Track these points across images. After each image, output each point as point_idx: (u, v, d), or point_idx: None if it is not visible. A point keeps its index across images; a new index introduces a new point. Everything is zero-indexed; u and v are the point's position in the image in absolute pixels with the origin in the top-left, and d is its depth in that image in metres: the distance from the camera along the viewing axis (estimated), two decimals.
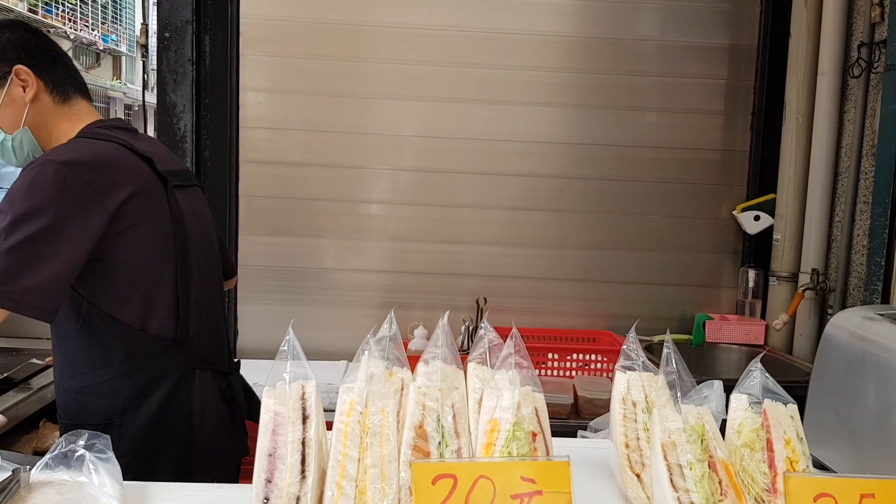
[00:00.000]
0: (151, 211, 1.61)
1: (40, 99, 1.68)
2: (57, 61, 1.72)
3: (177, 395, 1.64)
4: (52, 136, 1.71)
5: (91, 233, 1.50)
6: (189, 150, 2.95)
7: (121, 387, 1.60)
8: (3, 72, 1.65)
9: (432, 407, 1.06)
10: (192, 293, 1.67)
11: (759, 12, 3.07)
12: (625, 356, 1.26)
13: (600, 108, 3.09)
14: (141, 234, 1.58)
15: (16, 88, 1.66)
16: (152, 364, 1.62)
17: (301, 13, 3.01)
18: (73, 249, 1.48)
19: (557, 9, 3.05)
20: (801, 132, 2.92)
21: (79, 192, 1.49)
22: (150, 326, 1.60)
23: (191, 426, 1.66)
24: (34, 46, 1.69)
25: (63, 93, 1.71)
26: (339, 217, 3.12)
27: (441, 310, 3.20)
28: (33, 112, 1.68)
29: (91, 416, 1.59)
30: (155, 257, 1.61)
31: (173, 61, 2.93)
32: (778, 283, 3.01)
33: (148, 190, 1.62)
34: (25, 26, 1.75)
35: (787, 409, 1.16)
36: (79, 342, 1.61)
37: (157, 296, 1.61)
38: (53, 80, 1.70)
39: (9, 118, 1.68)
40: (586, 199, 3.14)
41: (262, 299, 3.11)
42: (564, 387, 2.56)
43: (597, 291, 3.16)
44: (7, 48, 1.67)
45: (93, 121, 1.73)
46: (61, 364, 1.66)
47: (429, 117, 3.08)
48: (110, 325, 1.58)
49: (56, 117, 1.71)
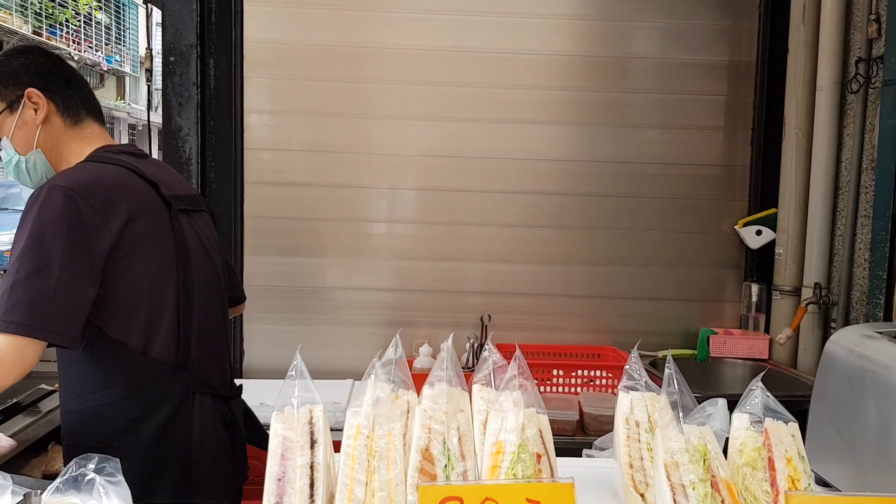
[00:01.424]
0: (154, 235, 1.63)
1: (51, 121, 1.72)
2: (70, 84, 1.76)
3: (176, 419, 1.65)
4: (63, 157, 1.74)
5: (100, 256, 1.52)
6: (194, 171, 2.98)
7: (121, 409, 1.62)
8: (17, 95, 1.69)
9: (438, 430, 1.07)
10: (193, 318, 1.69)
11: (757, 29, 3.10)
12: (627, 376, 1.28)
13: (602, 125, 3.12)
14: (143, 258, 1.60)
15: (28, 111, 1.70)
16: (153, 387, 1.63)
17: (303, 36, 3.05)
18: (87, 274, 1.50)
19: (558, 28, 3.08)
20: (801, 147, 2.94)
21: (86, 216, 1.51)
22: (151, 350, 1.61)
23: (190, 450, 1.67)
24: (47, 70, 1.73)
25: (74, 115, 1.74)
26: (344, 236, 3.14)
27: (445, 327, 3.24)
28: (45, 134, 1.71)
29: (92, 438, 1.60)
30: (157, 282, 1.62)
31: (178, 85, 2.96)
32: (781, 297, 3.02)
33: (151, 214, 1.64)
34: (41, 51, 1.79)
35: (789, 428, 1.18)
36: (81, 365, 1.62)
37: (159, 320, 1.62)
38: (65, 102, 1.73)
39: (22, 140, 1.71)
40: (589, 216, 3.15)
41: (268, 319, 3.13)
42: (570, 403, 2.57)
43: (601, 307, 3.17)
44: (20, 72, 1.71)
45: (103, 144, 1.76)
46: (65, 386, 1.68)
47: (431, 136, 3.11)
48: (112, 349, 1.59)
49: (67, 139, 1.74)
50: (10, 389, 2.27)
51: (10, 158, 1.74)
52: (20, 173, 1.75)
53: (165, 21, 2.95)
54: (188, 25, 2.93)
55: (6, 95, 1.71)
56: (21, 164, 1.73)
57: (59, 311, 1.45)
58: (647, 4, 3.09)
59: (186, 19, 2.93)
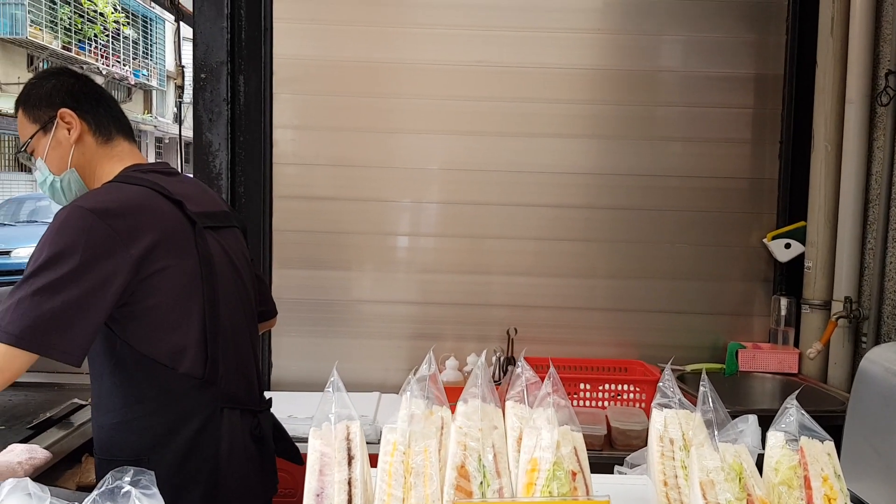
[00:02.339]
0: (178, 254, 1.64)
1: (84, 140, 1.76)
2: (100, 103, 1.80)
3: (204, 434, 1.67)
4: (96, 175, 1.78)
5: (116, 279, 1.53)
6: (224, 186, 3.02)
7: (150, 424, 1.64)
8: (50, 116, 1.74)
9: (473, 447, 1.08)
10: (220, 333, 1.70)
11: (784, 42, 3.09)
12: (661, 393, 1.27)
13: (626, 138, 3.12)
14: (169, 277, 1.61)
15: (61, 131, 1.74)
16: (181, 402, 1.65)
17: (330, 53, 3.08)
18: (98, 296, 1.51)
19: (583, 42, 3.10)
20: (830, 160, 2.92)
21: (104, 238, 1.52)
22: (179, 366, 1.63)
23: (218, 465, 1.68)
24: (78, 90, 1.77)
25: (106, 133, 1.78)
26: (369, 250, 3.17)
27: (471, 341, 3.24)
28: (78, 153, 1.75)
29: (122, 452, 1.63)
30: (184, 299, 1.64)
31: (209, 101, 3.01)
32: (811, 311, 3.00)
33: (174, 233, 1.65)
34: (71, 72, 1.84)
35: (825, 447, 1.17)
36: (112, 380, 1.65)
37: (187, 336, 1.64)
38: (97, 121, 1.77)
39: (56, 160, 1.76)
40: (614, 229, 3.15)
41: (295, 331, 3.15)
42: (597, 418, 2.57)
43: (627, 321, 3.16)
44: (52, 93, 1.75)
45: (133, 163, 1.79)
46: (97, 401, 1.71)
47: (456, 150, 3.13)
48: (142, 364, 1.62)
49: (99, 157, 1.77)
50: (44, 403, 2.32)
51: (45, 178, 1.78)
52: (55, 192, 1.79)
53: (196, 38, 3.00)
54: (219, 43, 2.98)
55: (40, 117, 1.75)
56: (56, 183, 1.77)
57: (59, 329, 1.46)
58: (672, 18, 3.09)
59: (217, 37, 2.98)
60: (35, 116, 1.75)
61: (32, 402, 2.36)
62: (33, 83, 1.80)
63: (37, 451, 1.94)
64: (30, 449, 1.92)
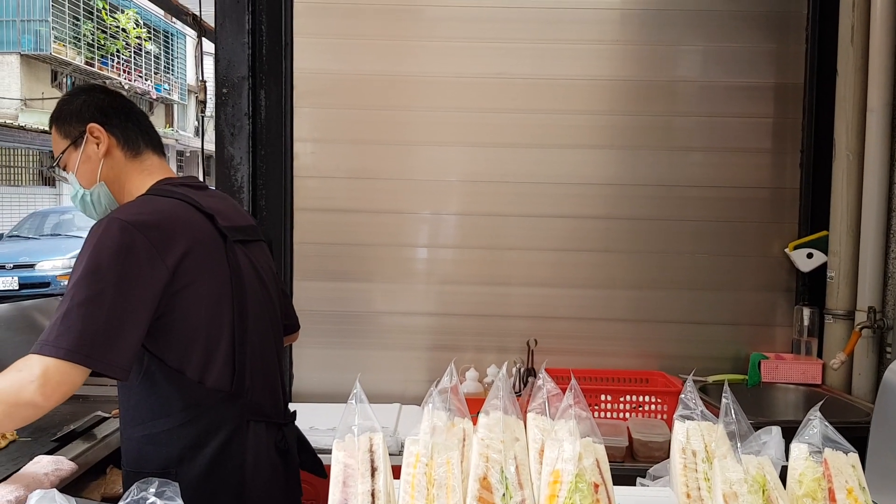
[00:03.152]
0: (210, 267, 1.67)
1: (113, 154, 1.79)
2: (129, 118, 1.83)
3: (230, 447, 1.68)
4: (125, 189, 1.80)
5: (155, 289, 1.55)
6: (246, 199, 3.05)
7: (178, 436, 1.65)
8: (80, 131, 1.78)
9: (496, 459, 1.09)
10: (248, 347, 1.72)
11: (804, 51, 3.08)
12: (683, 405, 1.27)
13: (646, 148, 3.12)
14: (200, 289, 1.63)
15: (90, 145, 1.78)
16: (208, 415, 1.66)
17: (350, 67, 3.11)
18: (141, 306, 1.53)
19: (601, 54, 3.10)
20: (852, 169, 2.90)
21: (142, 249, 1.55)
22: (207, 379, 1.65)
23: (243, 478, 1.69)
24: (107, 105, 1.81)
25: (134, 147, 1.81)
26: (389, 261, 3.18)
27: (490, 352, 3.24)
28: (107, 167, 1.79)
29: (150, 465, 1.64)
30: (213, 312, 1.66)
31: (231, 115, 3.05)
32: (834, 321, 2.97)
33: (207, 247, 1.67)
34: (101, 89, 1.88)
35: (849, 459, 1.17)
36: (140, 392, 1.67)
37: (216, 350, 1.66)
38: (125, 135, 1.80)
39: (86, 174, 1.79)
40: (634, 239, 3.14)
41: (316, 343, 3.17)
42: (618, 429, 2.56)
43: (648, 331, 3.15)
44: (82, 109, 1.79)
45: (163, 176, 1.82)
46: (125, 413, 1.73)
47: (475, 162, 3.14)
48: (170, 377, 1.63)
49: (128, 171, 1.80)
50: (69, 415, 2.35)
51: (76, 192, 1.82)
52: (86, 206, 1.82)
53: (218, 54, 3.04)
54: (240, 58, 3.02)
55: (70, 132, 1.79)
56: (86, 197, 1.81)
57: (107, 341, 1.48)
58: (690, 28, 3.10)
59: (238, 52, 3.02)
60: (66, 132, 1.79)
61: (58, 414, 2.38)
62: (65, 100, 1.84)
63: (63, 462, 1.96)
64: (56, 461, 1.94)
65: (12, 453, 2.02)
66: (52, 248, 12.03)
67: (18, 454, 2.01)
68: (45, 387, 1.44)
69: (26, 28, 17.45)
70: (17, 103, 17.50)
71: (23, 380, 1.45)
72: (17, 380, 1.45)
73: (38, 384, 1.44)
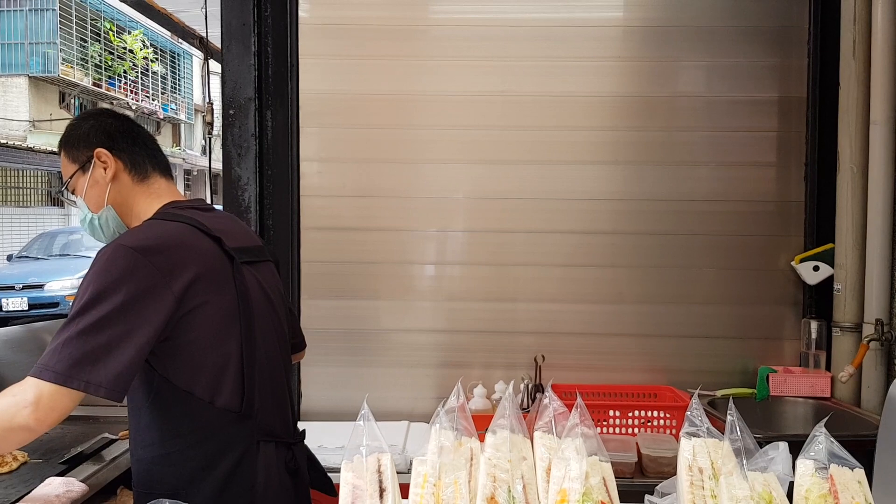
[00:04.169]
0: (217, 289, 1.67)
1: (120, 178, 1.80)
2: (136, 142, 1.84)
3: (241, 468, 1.68)
4: (133, 212, 1.81)
5: (159, 314, 1.56)
6: (254, 219, 3.07)
7: (188, 458, 1.66)
8: (87, 156, 1.79)
9: (503, 478, 1.10)
10: (257, 367, 1.72)
11: (806, 65, 3.10)
12: (689, 422, 1.28)
13: (651, 164, 3.13)
14: (208, 312, 1.64)
15: (98, 170, 1.79)
16: (219, 436, 1.66)
17: (355, 86, 3.14)
18: (142, 332, 1.53)
19: (605, 70, 3.13)
20: (857, 181, 2.91)
21: (147, 275, 1.55)
22: (217, 400, 1.65)
23: (253, 499, 1.69)
24: (114, 130, 1.82)
25: (141, 171, 1.82)
26: (396, 279, 3.19)
27: (498, 368, 3.24)
28: (114, 191, 1.80)
29: (160, 486, 1.65)
30: (222, 334, 1.67)
31: (238, 136, 3.08)
32: (841, 333, 2.97)
33: (214, 269, 1.68)
34: (110, 113, 1.90)
35: (855, 474, 1.17)
36: (150, 414, 1.67)
37: (225, 371, 1.67)
38: (132, 159, 1.81)
39: (94, 198, 1.81)
40: (641, 254, 3.15)
41: (324, 361, 3.18)
42: (627, 445, 2.55)
43: (656, 346, 3.15)
44: (90, 134, 1.81)
45: (171, 199, 1.83)
46: (135, 435, 1.73)
47: (480, 179, 3.16)
48: (180, 399, 1.64)
49: (135, 195, 1.81)
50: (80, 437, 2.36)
51: (85, 216, 1.84)
52: (94, 230, 1.84)
53: (225, 76, 3.07)
54: (246, 80, 3.05)
55: (78, 157, 1.81)
56: (94, 220, 1.82)
57: (105, 367, 1.49)
58: (691, 44, 3.12)
59: (245, 74, 3.05)
60: (74, 156, 1.81)
61: (68, 436, 2.40)
62: (74, 125, 1.85)
63: (74, 484, 1.97)
64: (67, 482, 1.95)
65: (23, 475, 2.04)
66: (60, 269, 12.11)
67: (30, 476, 2.02)
68: (38, 412, 1.46)
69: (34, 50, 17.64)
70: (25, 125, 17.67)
71: (17, 404, 1.46)
72: (12, 404, 1.47)
73: (31, 409, 1.45)
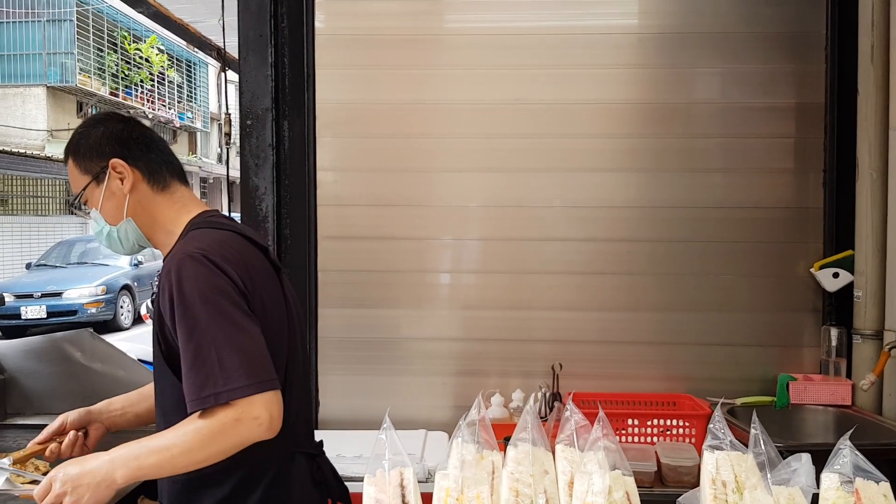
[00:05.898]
0: (272, 300, 1.66)
1: (138, 189, 1.71)
2: (151, 148, 1.75)
3: (279, 481, 1.64)
4: (157, 223, 1.74)
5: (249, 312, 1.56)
6: (271, 229, 3.09)
7: (227, 477, 1.60)
8: (101, 167, 1.70)
9: (526, 493, 1.09)
10: (294, 378, 1.70)
11: (824, 71, 3.07)
12: (712, 435, 1.27)
13: (667, 171, 3.12)
14: (266, 321, 1.60)
15: (114, 181, 1.70)
16: (255, 452, 1.56)
17: (371, 96, 3.15)
18: (255, 321, 1.55)
19: (619, 78, 3.12)
20: (876, 187, 2.88)
21: (229, 273, 1.54)
22: None
23: None
24: (127, 136, 1.73)
25: (160, 180, 1.74)
26: (412, 287, 3.19)
27: (515, 376, 3.24)
28: (134, 202, 1.71)
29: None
30: (274, 345, 1.60)
31: (255, 146, 3.10)
32: (862, 341, 2.94)
33: (267, 279, 1.67)
34: (119, 117, 1.80)
35: (880, 488, 1.16)
36: None
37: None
38: (149, 168, 1.73)
39: (112, 211, 1.72)
40: (657, 262, 3.14)
41: (340, 370, 3.19)
42: (646, 454, 2.53)
43: (674, 354, 3.13)
44: (102, 142, 1.71)
45: (199, 209, 1.76)
46: None
47: (495, 187, 3.15)
48: None
49: (157, 205, 1.73)
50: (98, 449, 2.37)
51: (101, 229, 1.75)
52: (112, 242, 1.76)
53: (242, 87, 3.09)
54: (264, 90, 3.07)
55: (91, 168, 1.71)
56: (113, 233, 1.74)
57: (262, 358, 1.51)
58: (707, 51, 3.10)
59: (262, 84, 3.07)
60: (86, 167, 1.72)
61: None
62: (81, 132, 1.76)
63: None
64: None
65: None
66: (79, 277, 12.22)
67: None
68: (273, 423, 1.49)
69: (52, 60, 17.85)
70: (43, 134, 17.86)
71: (251, 429, 1.47)
72: (246, 429, 1.48)
73: (265, 422, 1.48)
